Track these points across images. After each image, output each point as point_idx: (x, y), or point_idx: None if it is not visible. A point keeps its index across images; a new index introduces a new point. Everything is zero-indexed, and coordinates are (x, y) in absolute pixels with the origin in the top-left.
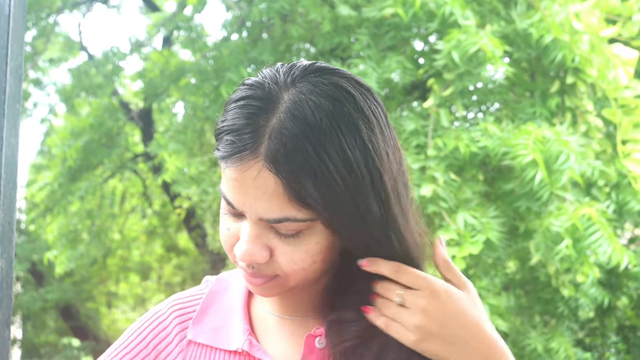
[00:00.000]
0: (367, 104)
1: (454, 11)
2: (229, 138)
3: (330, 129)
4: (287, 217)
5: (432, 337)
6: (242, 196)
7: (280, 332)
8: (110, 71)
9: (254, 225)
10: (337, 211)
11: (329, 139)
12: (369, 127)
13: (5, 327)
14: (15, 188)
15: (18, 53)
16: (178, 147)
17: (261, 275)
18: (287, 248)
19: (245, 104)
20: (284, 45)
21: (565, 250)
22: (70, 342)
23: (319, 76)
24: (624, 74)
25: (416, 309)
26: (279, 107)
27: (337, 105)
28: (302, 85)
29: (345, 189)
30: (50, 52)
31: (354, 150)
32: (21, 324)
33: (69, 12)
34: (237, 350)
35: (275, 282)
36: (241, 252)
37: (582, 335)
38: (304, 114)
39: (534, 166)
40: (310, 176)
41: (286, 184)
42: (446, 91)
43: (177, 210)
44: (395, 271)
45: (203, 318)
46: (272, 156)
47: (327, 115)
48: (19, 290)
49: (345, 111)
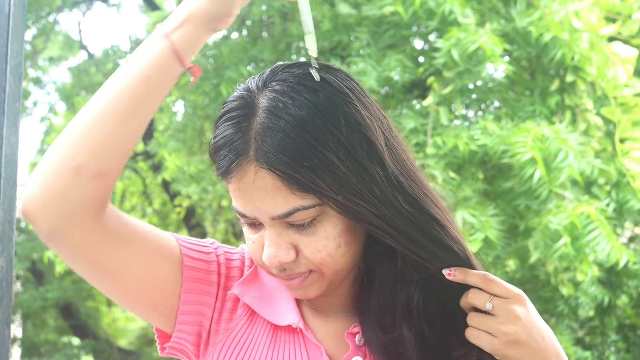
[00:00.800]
0: (339, 80)
1: (454, 9)
2: (222, 152)
3: (309, 113)
4: (296, 207)
5: (518, 344)
6: (249, 202)
7: (319, 322)
8: (110, 70)
9: (271, 228)
10: (339, 187)
11: (311, 123)
12: (346, 100)
13: (5, 325)
14: (15, 187)
15: (18, 52)
16: (178, 146)
17: (295, 274)
18: (308, 239)
19: (228, 117)
20: (284, 43)
21: (564, 248)
22: (70, 341)
23: (286, 72)
24: (623, 72)
25: (507, 316)
26: (257, 110)
27: (310, 91)
28: (273, 84)
29: (339, 163)
30: (50, 51)
31: (338, 126)
32: (21, 323)
33: (68, 11)
34: (292, 325)
35: (311, 278)
36: (267, 256)
37: (582, 334)
38: (279, 107)
39: (533, 164)
40: (302, 162)
41: (283, 177)
42: (446, 89)
43: (177, 209)
44: (485, 281)
45: (253, 282)
46: (261, 154)
47: (303, 102)
48: (19, 288)
49: (320, 93)
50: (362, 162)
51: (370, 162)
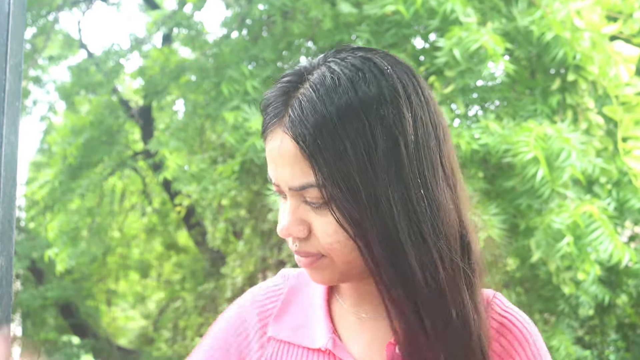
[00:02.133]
0: (396, 75)
1: (455, 8)
2: (266, 111)
3: (349, 98)
4: (310, 183)
5: None
6: (273, 167)
7: (361, 331)
8: (110, 69)
9: (291, 199)
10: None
11: (345, 107)
12: (392, 96)
13: (5, 324)
14: (15, 186)
15: (17, 51)
16: (178, 145)
17: (306, 254)
18: (321, 220)
19: (282, 80)
20: (284, 42)
21: (566, 248)
22: (70, 340)
23: (351, 53)
24: (625, 71)
25: None
26: (306, 81)
27: (358, 77)
28: (330, 61)
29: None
30: (50, 50)
31: (370, 119)
32: (21, 322)
33: (68, 10)
34: (321, 348)
35: (322, 262)
36: (280, 227)
37: (582, 333)
38: (323, 81)
39: (535, 163)
40: (316, 138)
41: (302, 148)
42: (447, 88)
43: (177, 208)
44: None
45: (284, 314)
46: (290, 122)
47: (347, 87)
48: (19, 287)
49: (369, 82)
50: (375, 165)
51: (385, 169)
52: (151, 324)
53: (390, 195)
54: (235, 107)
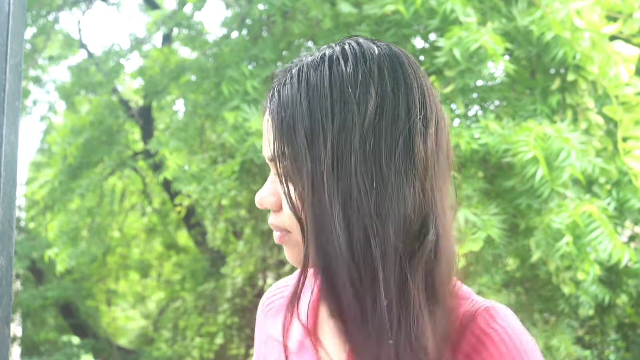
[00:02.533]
0: (379, 59)
1: (455, 8)
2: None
3: (330, 84)
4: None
5: None
6: (262, 139)
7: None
8: (110, 69)
9: (271, 171)
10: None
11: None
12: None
13: (5, 324)
14: (15, 186)
15: (17, 50)
16: (179, 145)
17: (276, 227)
18: (285, 195)
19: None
20: (284, 42)
21: (565, 247)
22: (70, 340)
23: (356, 44)
24: (624, 71)
25: None
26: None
27: (342, 54)
28: (331, 49)
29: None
30: (50, 50)
31: (334, 94)
32: (21, 322)
33: (68, 10)
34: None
35: (289, 239)
36: (256, 195)
37: (582, 333)
38: (312, 61)
39: (535, 163)
40: (286, 110)
41: (272, 120)
42: (447, 88)
43: (177, 208)
44: None
45: (282, 311)
46: (270, 96)
47: (327, 61)
48: (19, 287)
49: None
50: (327, 141)
51: (335, 147)
52: (151, 324)
53: (330, 173)
54: (235, 107)
